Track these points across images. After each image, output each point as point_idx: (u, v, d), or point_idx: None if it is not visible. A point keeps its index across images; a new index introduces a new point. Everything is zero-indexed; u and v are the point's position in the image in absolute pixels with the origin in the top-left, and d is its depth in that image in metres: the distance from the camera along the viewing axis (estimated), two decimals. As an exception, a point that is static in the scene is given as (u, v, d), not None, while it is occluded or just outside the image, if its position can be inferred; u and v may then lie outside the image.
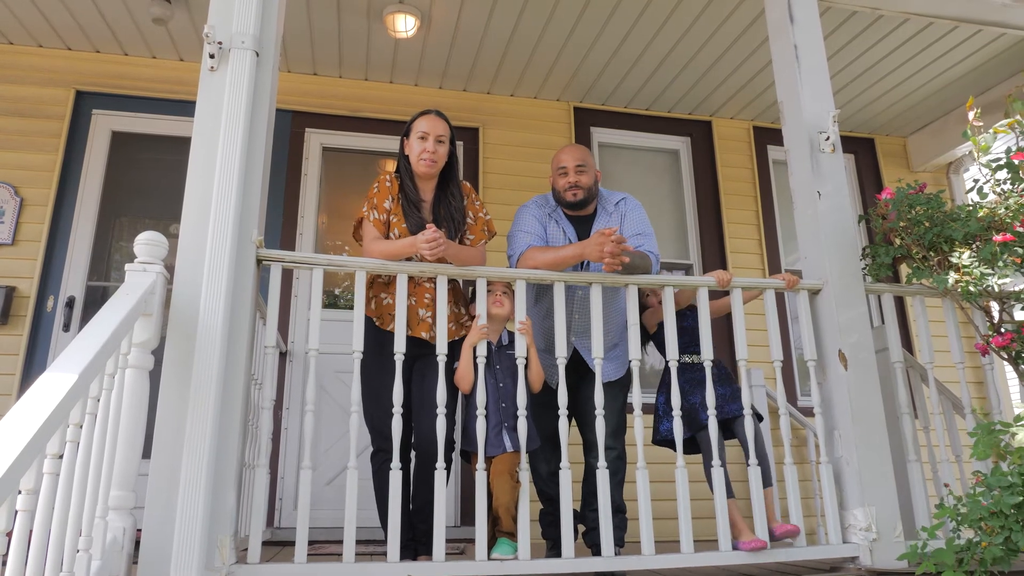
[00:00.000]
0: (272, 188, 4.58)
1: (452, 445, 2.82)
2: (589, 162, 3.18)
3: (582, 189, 3.12)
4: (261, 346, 2.89)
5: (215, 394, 2.35)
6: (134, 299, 2.26)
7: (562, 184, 3.15)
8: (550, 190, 3.25)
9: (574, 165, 3.13)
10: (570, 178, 3.12)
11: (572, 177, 3.12)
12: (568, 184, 3.12)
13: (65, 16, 4.23)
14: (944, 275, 2.69)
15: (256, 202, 2.65)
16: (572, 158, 3.15)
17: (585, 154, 3.19)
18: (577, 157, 3.15)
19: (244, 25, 2.73)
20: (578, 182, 3.12)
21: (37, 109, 4.37)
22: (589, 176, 3.16)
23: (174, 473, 2.29)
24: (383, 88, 4.92)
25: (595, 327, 2.83)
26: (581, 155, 3.17)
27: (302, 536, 2.46)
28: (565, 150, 3.21)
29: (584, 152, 3.20)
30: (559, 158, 3.19)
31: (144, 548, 2.24)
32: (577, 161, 3.14)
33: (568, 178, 3.13)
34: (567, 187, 3.12)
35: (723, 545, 2.72)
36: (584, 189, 3.13)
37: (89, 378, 1.90)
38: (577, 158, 3.15)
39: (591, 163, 3.19)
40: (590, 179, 3.16)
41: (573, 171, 3.12)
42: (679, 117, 5.39)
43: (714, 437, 2.82)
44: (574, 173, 3.12)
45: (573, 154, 3.17)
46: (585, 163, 3.15)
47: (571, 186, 3.12)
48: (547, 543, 3.07)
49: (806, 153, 3.20)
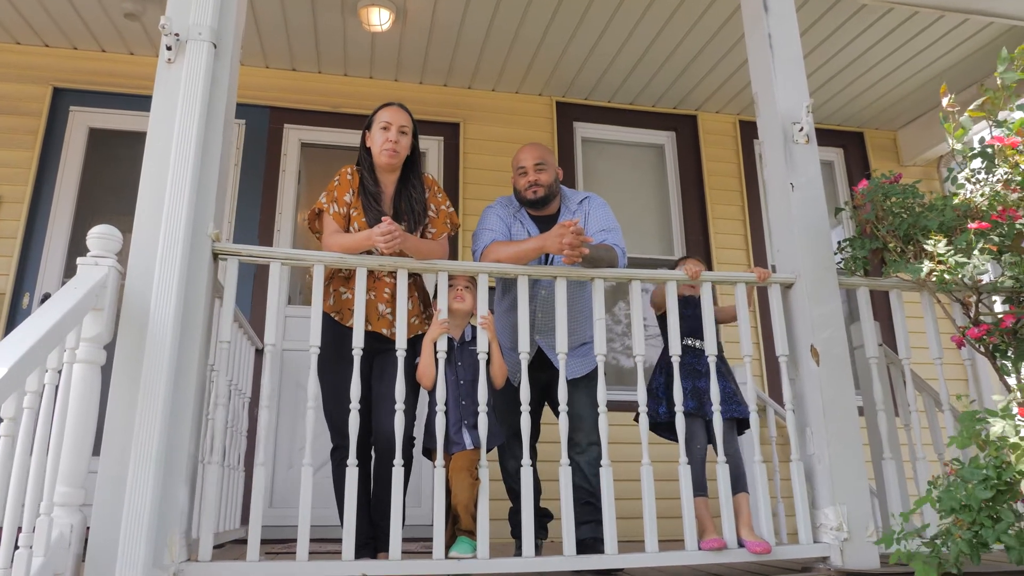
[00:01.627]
0: (250, 184, 4.57)
1: (412, 442, 2.78)
2: (548, 160, 3.17)
3: (542, 187, 3.11)
4: (216, 340, 2.85)
5: (164, 390, 2.31)
6: (81, 293, 2.22)
7: (522, 183, 3.14)
8: None
9: (533, 164, 3.12)
10: (529, 177, 3.12)
11: (532, 176, 3.11)
12: (528, 183, 3.12)
13: (41, 13, 4.21)
14: (919, 264, 2.62)
15: (212, 195, 2.60)
16: (531, 157, 3.14)
17: (544, 152, 3.18)
18: (536, 156, 3.14)
19: (201, 16, 2.69)
20: (538, 180, 3.11)
21: (14, 106, 4.36)
22: (549, 174, 3.14)
23: (122, 469, 2.24)
24: (363, 84, 4.88)
25: (559, 322, 2.78)
26: (540, 153, 3.16)
27: (254, 534, 2.43)
28: (523, 149, 3.20)
29: (543, 150, 3.19)
30: (518, 157, 3.18)
31: (92, 545, 2.20)
32: (536, 159, 3.13)
33: (528, 177, 3.12)
34: (527, 186, 3.12)
35: (689, 544, 2.66)
36: (544, 187, 3.12)
37: (23, 372, 1.86)
38: (536, 156, 3.13)
39: (551, 161, 3.18)
40: (550, 177, 3.15)
41: (532, 170, 3.12)
42: (664, 112, 5.34)
43: (682, 433, 2.77)
44: (533, 172, 3.12)
45: (532, 153, 3.15)
46: (544, 161, 3.14)
47: (531, 184, 3.11)
48: (516, 542, 3.03)
49: (779, 144, 3.14)
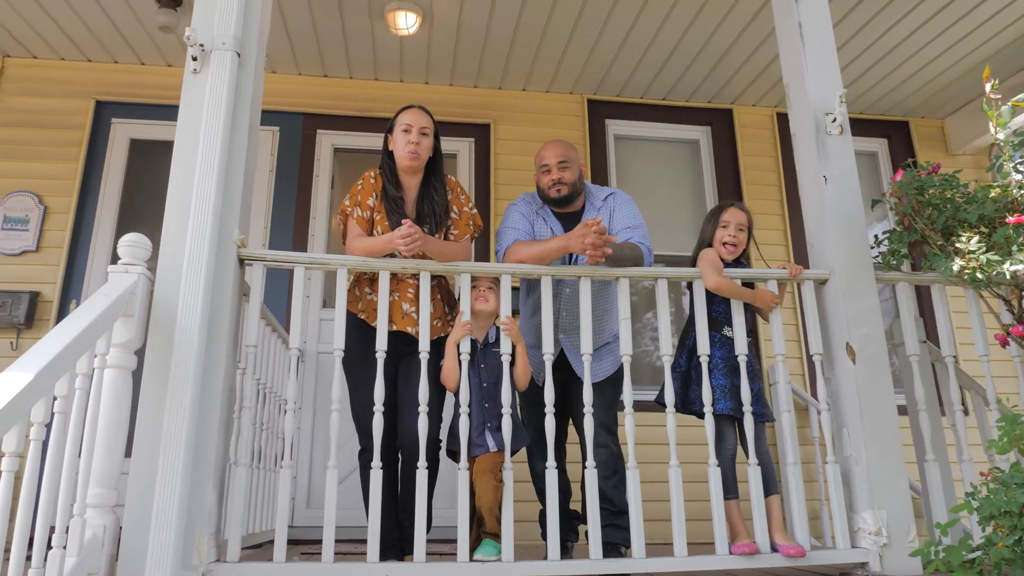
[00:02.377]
0: (285, 190, 4.64)
1: (438, 444, 2.78)
2: (572, 157, 3.11)
3: (566, 185, 3.06)
4: (244, 344, 2.89)
5: (191, 393, 2.36)
6: (110, 300, 2.27)
7: (545, 182, 3.09)
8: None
9: (556, 162, 3.07)
10: (553, 175, 3.07)
11: (555, 174, 3.06)
12: (551, 181, 3.07)
13: (83, 29, 4.35)
14: (950, 261, 2.51)
15: (237, 202, 2.64)
16: (554, 154, 3.08)
17: (567, 149, 3.12)
18: (559, 153, 3.08)
19: (225, 27, 2.73)
20: (561, 178, 3.06)
21: (59, 120, 4.51)
22: (572, 172, 3.09)
23: (152, 472, 2.30)
24: (393, 87, 4.91)
25: (584, 322, 2.75)
26: (563, 151, 3.10)
27: (280, 536, 2.46)
28: (546, 147, 3.14)
29: (566, 147, 3.13)
30: (541, 155, 3.13)
31: (123, 546, 2.25)
32: (559, 157, 3.07)
33: (551, 175, 3.07)
34: (550, 184, 3.07)
35: (719, 548, 2.60)
36: (568, 185, 3.07)
37: (51, 377, 1.91)
38: (559, 154, 3.08)
39: (574, 158, 3.13)
40: (573, 175, 3.09)
41: (556, 168, 3.07)
42: (698, 106, 5.24)
43: (711, 433, 2.70)
44: (556, 170, 3.07)
45: (555, 150, 3.10)
46: (567, 158, 3.09)
47: (554, 183, 3.06)
48: (546, 544, 3.00)
49: (812, 136, 3.05)
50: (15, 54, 4.57)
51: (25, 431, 1.83)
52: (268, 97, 4.68)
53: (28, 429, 1.89)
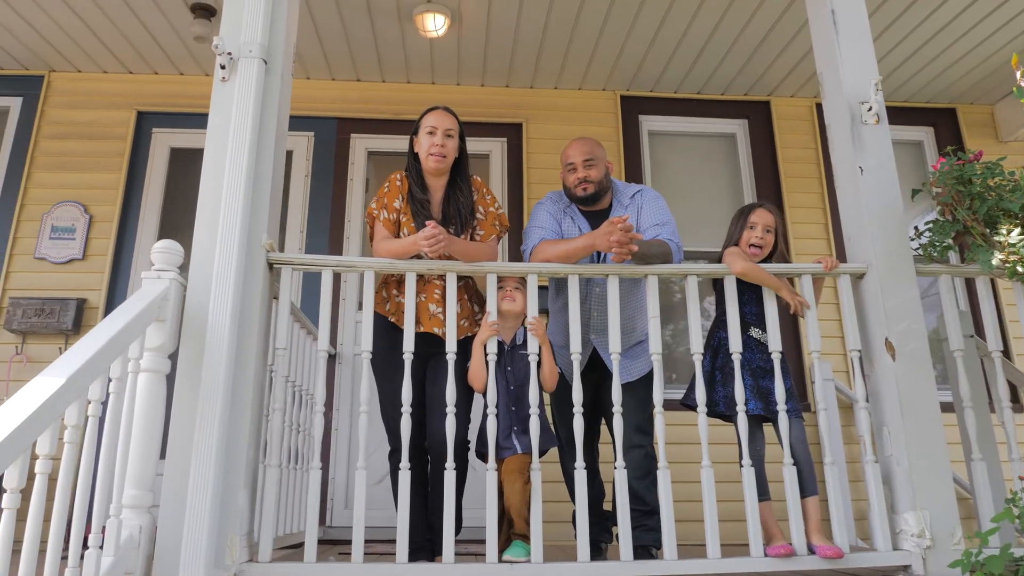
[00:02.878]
0: (320, 194, 4.70)
1: (466, 445, 2.78)
2: (598, 155, 3.09)
3: (592, 183, 3.04)
4: (273, 347, 2.92)
5: (222, 396, 2.39)
6: (141, 305, 2.32)
7: (571, 180, 3.07)
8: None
9: (582, 160, 3.04)
10: (579, 173, 3.04)
11: (581, 172, 3.04)
12: (577, 180, 3.04)
13: (123, 43, 4.48)
14: (989, 254, 2.41)
15: (265, 206, 2.68)
16: (579, 152, 3.06)
17: (593, 147, 3.10)
18: (584, 151, 3.06)
19: (252, 35, 2.77)
20: (587, 176, 3.03)
21: (103, 131, 4.65)
22: (599, 169, 3.06)
23: (184, 473, 2.34)
24: (425, 89, 4.94)
25: (612, 321, 2.71)
26: (589, 148, 3.08)
27: (311, 537, 2.48)
28: (572, 144, 3.12)
29: (592, 145, 3.11)
30: (566, 153, 3.11)
31: (158, 546, 2.30)
32: (585, 155, 3.05)
33: (577, 173, 3.05)
34: (576, 183, 3.05)
35: (754, 550, 2.54)
36: (594, 183, 3.04)
37: (82, 381, 1.96)
38: (584, 152, 3.05)
39: (600, 155, 3.11)
40: (600, 172, 3.06)
41: (581, 166, 3.04)
42: (734, 99, 5.14)
43: (744, 433, 2.64)
44: (582, 168, 3.04)
45: (580, 148, 3.07)
46: (594, 156, 3.06)
47: (580, 181, 3.04)
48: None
49: (846, 126, 2.96)
50: (60, 68, 4.73)
51: (58, 434, 1.89)
52: (302, 103, 4.79)
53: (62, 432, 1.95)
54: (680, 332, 4.81)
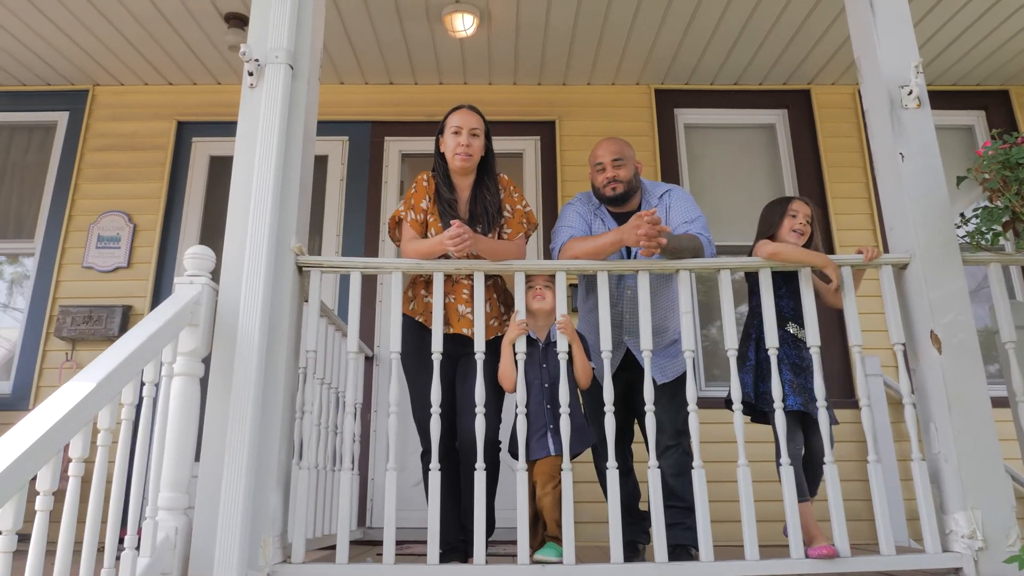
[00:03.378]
0: (355, 197, 4.75)
1: (497, 445, 2.76)
2: (627, 154, 3.06)
3: (621, 183, 3.01)
4: (304, 349, 2.93)
5: (253, 399, 2.42)
6: (172, 311, 2.36)
7: (600, 180, 3.04)
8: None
9: (610, 159, 3.02)
10: (607, 173, 3.02)
11: (609, 172, 3.01)
12: (606, 179, 3.02)
13: (162, 55, 4.59)
14: (1035, 240, 2.29)
15: (294, 210, 2.70)
16: (608, 152, 3.03)
17: (622, 147, 3.07)
18: (613, 151, 3.03)
19: (278, 41, 2.80)
20: (616, 176, 3.00)
21: (145, 142, 4.77)
22: (627, 169, 3.03)
23: (218, 475, 2.37)
24: (457, 90, 4.93)
25: (643, 317, 2.66)
26: (617, 148, 3.05)
27: (343, 538, 2.49)
28: (600, 145, 3.10)
29: (620, 144, 3.08)
30: (595, 153, 3.09)
31: (194, 547, 2.33)
32: (613, 155, 3.02)
33: (606, 173, 3.02)
34: (605, 182, 3.02)
35: (794, 552, 2.46)
36: (623, 183, 3.01)
37: (113, 386, 2.00)
38: (613, 152, 3.03)
39: (629, 155, 3.08)
40: (629, 172, 3.03)
41: (610, 166, 3.02)
42: (773, 89, 5.01)
43: (782, 431, 2.56)
44: (611, 168, 3.01)
45: (608, 148, 3.05)
46: (622, 156, 3.03)
47: (609, 181, 3.01)
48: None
49: (885, 111, 2.85)
50: (103, 82, 4.87)
51: (91, 437, 1.93)
52: (336, 107, 4.84)
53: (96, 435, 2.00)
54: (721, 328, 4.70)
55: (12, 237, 4.72)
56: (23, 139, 4.93)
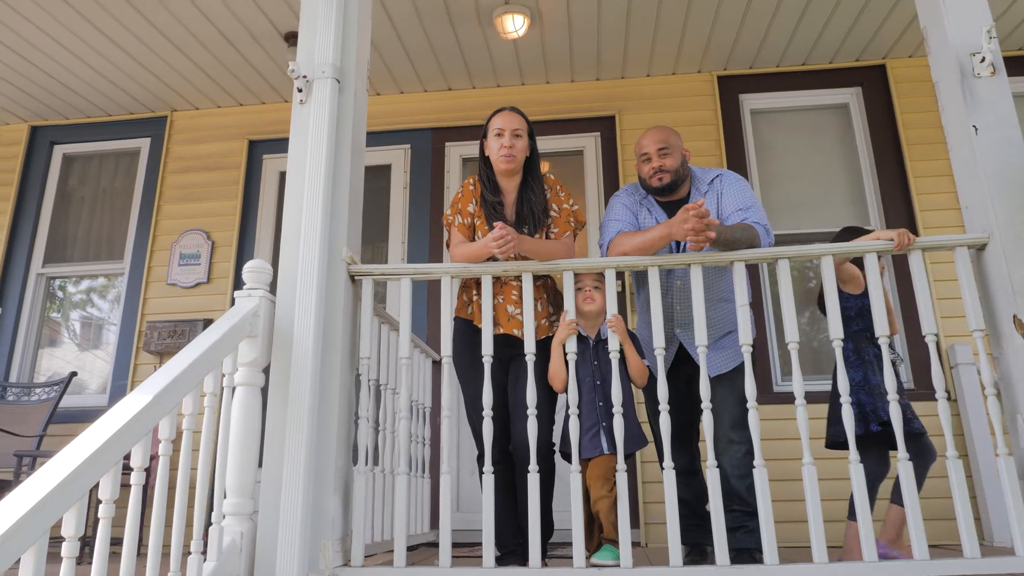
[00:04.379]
0: (419, 204, 4.82)
1: (551, 447, 2.73)
2: (672, 143, 2.97)
3: (668, 172, 2.93)
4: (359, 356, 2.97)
5: (308, 406, 2.48)
6: (230, 324, 2.44)
7: (646, 170, 2.97)
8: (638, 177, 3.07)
9: (656, 149, 2.94)
10: (653, 163, 2.94)
11: (655, 161, 2.93)
12: (652, 170, 2.94)
13: (232, 79, 4.80)
14: None
15: (344, 221, 2.75)
16: (653, 141, 2.96)
17: (667, 135, 2.99)
18: (659, 139, 2.95)
19: (324, 56, 2.86)
20: (662, 165, 2.93)
21: (219, 162, 5.00)
22: (674, 158, 2.94)
23: (279, 481, 2.44)
24: (515, 91, 4.93)
25: (697, 313, 2.57)
26: (663, 136, 2.97)
27: (400, 541, 2.52)
28: (646, 134, 3.02)
29: (666, 133, 3.00)
30: (640, 144, 3.01)
31: (258, 551, 2.41)
32: (658, 144, 2.94)
33: (652, 163, 2.94)
34: (652, 173, 2.94)
35: (867, 555, 2.32)
36: (670, 172, 2.93)
37: (171, 397, 2.09)
38: (659, 140, 2.95)
39: (676, 144, 2.99)
40: (675, 160, 2.94)
41: (656, 155, 2.94)
42: (844, 66, 4.76)
43: (849, 429, 2.43)
44: (657, 157, 2.93)
45: (653, 137, 2.97)
46: (668, 144, 2.95)
47: (656, 171, 2.93)
48: (684, 548, 2.85)
49: (956, 82, 2.66)
50: (180, 107, 5.14)
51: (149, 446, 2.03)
52: (397, 117, 4.93)
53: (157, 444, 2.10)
54: (817, 320, 4.48)
55: (104, 258, 5.04)
56: (111, 166, 5.26)
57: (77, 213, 5.19)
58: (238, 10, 4.15)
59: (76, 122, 5.25)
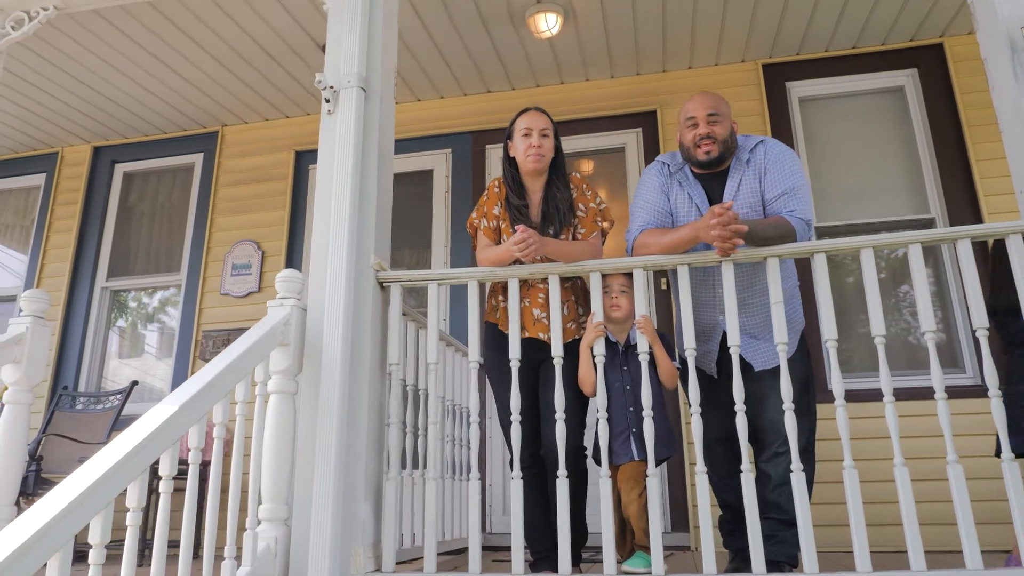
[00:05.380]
0: (461, 208, 4.84)
1: (582, 452, 2.68)
2: (723, 110, 2.68)
3: (716, 143, 2.62)
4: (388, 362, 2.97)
5: (338, 412, 2.50)
6: (260, 333, 2.49)
7: (691, 138, 2.66)
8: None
9: (705, 114, 2.63)
10: (700, 129, 2.62)
11: (703, 128, 2.62)
12: (699, 136, 2.62)
13: (277, 93, 4.93)
14: None
15: (371, 228, 2.77)
16: (703, 106, 2.65)
17: (718, 101, 2.69)
18: (709, 104, 2.65)
19: (349, 66, 2.89)
20: (711, 132, 2.61)
21: (268, 173, 5.13)
22: (724, 126, 2.64)
23: (310, 487, 2.48)
24: (554, 91, 4.89)
25: (729, 311, 2.47)
26: (713, 102, 2.67)
27: (430, 547, 2.52)
28: (694, 98, 2.72)
29: (717, 99, 2.70)
30: (687, 107, 2.71)
31: (292, 556, 2.45)
32: (709, 109, 2.64)
33: (699, 129, 2.63)
34: (697, 140, 2.63)
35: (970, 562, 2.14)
36: (719, 142, 2.62)
37: (199, 406, 2.14)
38: (709, 105, 2.65)
39: (726, 111, 2.69)
40: (725, 130, 2.64)
41: (704, 121, 2.62)
42: (898, 47, 4.54)
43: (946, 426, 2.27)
44: (705, 123, 2.62)
45: (703, 101, 2.67)
46: (719, 111, 2.65)
47: (702, 139, 2.62)
48: (729, 554, 2.76)
49: (1006, 58, 2.50)
50: (230, 123, 5.30)
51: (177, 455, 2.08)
52: (438, 122, 4.95)
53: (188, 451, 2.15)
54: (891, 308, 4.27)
55: (164, 271, 5.24)
56: (168, 181, 5.47)
57: (137, 228, 5.42)
58: (277, 26, 4.25)
59: (135, 141, 5.49)
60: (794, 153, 2.74)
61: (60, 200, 5.43)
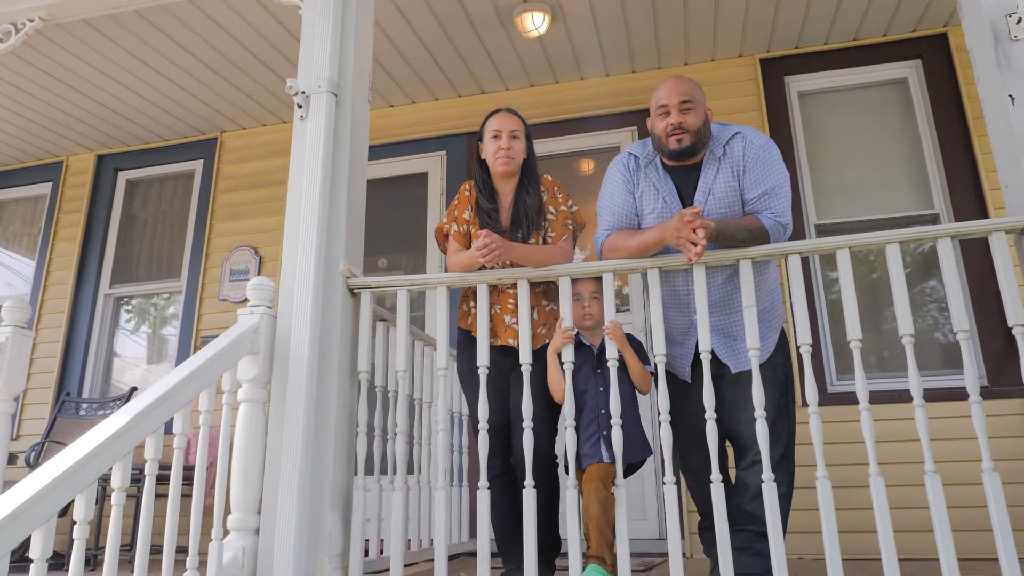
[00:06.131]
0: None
1: (553, 460, 2.63)
2: (698, 97, 2.50)
3: (688, 132, 2.46)
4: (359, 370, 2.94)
5: (303, 421, 2.48)
6: (226, 341, 2.47)
7: (662, 127, 2.49)
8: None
9: (678, 101, 2.46)
10: (672, 118, 2.46)
11: (675, 117, 2.45)
12: (670, 127, 2.46)
13: (269, 97, 4.94)
14: None
15: (341, 235, 2.74)
16: (675, 92, 2.47)
17: (692, 87, 2.52)
18: (682, 91, 2.48)
19: (321, 71, 2.86)
20: (683, 123, 2.45)
21: (265, 179, 5.14)
22: (697, 115, 2.47)
23: (274, 497, 2.46)
24: (549, 91, 4.83)
25: (701, 316, 2.40)
26: (687, 89, 2.49)
27: (396, 558, 2.49)
28: (665, 83, 2.54)
29: (691, 85, 2.52)
30: (658, 94, 2.53)
31: (259, 566, 2.43)
32: (682, 96, 2.47)
33: (670, 118, 2.46)
34: (669, 130, 2.47)
35: (1007, 570, 2.01)
36: (691, 132, 2.46)
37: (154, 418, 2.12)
38: (681, 92, 2.48)
39: (700, 98, 2.51)
40: (699, 119, 2.47)
41: (676, 109, 2.46)
42: (900, 38, 4.39)
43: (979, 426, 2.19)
44: (677, 112, 2.46)
45: (676, 87, 2.49)
46: (693, 98, 2.48)
47: (674, 129, 2.45)
48: (709, 562, 2.68)
49: (989, 47, 2.40)
50: (228, 129, 5.33)
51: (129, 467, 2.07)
52: (432, 124, 4.93)
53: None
54: (917, 306, 4.12)
55: (165, 277, 5.29)
56: (170, 188, 5.52)
57: (140, 235, 5.48)
58: (266, 32, 4.25)
59: (137, 148, 5.54)
60: (774, 145, 2.58)
61: (65, 208, 5.50)
